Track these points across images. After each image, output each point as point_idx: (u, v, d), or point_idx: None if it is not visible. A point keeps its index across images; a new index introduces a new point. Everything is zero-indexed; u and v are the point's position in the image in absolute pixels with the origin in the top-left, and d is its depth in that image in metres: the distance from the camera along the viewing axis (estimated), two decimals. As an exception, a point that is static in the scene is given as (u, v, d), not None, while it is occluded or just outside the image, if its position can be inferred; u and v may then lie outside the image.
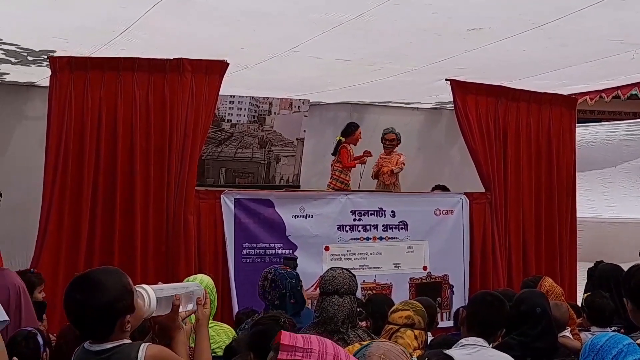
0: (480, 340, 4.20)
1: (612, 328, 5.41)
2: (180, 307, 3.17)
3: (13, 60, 7.57)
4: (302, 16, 6.03)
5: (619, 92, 9.59)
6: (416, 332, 4.46)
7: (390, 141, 9.68)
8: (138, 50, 6.85)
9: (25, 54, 7.22)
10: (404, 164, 9.72)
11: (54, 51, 7.00)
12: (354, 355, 3.25)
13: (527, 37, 6.52)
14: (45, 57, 7.09)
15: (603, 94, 9.79)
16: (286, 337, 2.30)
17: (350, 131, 8.94)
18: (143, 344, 2.97)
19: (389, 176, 9.61)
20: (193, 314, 3.34)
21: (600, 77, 8.39)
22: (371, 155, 9.25)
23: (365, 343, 4.00)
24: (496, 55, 7.11)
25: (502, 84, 8.57)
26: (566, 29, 6.31)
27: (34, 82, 8.71)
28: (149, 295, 3.02)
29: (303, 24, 6.20)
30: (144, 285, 3.07)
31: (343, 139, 8.94)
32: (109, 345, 2.93)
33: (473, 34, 6.47)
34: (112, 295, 2.90)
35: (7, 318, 4.23)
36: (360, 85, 8.42)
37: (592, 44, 6.94)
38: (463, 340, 4.27)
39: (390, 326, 4.51)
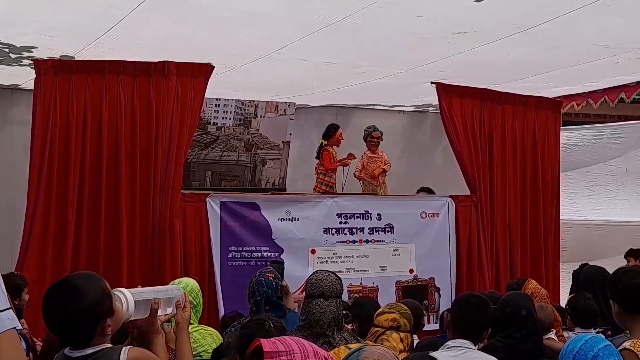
0: (466, 342, 4.20)
1: (597, 330, 5.44)
2: (159, 310, 3.16)
3: None
4: (289, 17, 6.04)
5: (606, 97, 9.65)
6: (402, 334, 4.45)
7: (377, 138, 9.66)
8: (123, 49, 6.83)
9: (7, 50, 7.15)
10: (388, 162, 9.73)
11: (36, 47, 6.94)
12: (345, 359, 3.25)
13: (513, 41, 6.55)
14: (26, 54, 7.04)
15: (590, 101, 9.85)
16: (266, 344, 2.34)
17: (331, 133, 8.94)
18: (124, 347, 2.96)
19: (380, 178, 9.59)
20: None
21: (584, 78, 8.41)
22: (354, 158, 9.26)
23: (352, 346, 4.02)
24: (482, 58, 7.14)
25: (488, 87, 8.60)
26: (551, 33, 6.34)
27: (18, 85, 8.66)
28: (127, 298, 3.02)
29: (289, 25, 6.21)
30: (122, 289, 3.07)
31: (325, 142, 8.94)
32: (89, 351, 2.92)
33: (459, 37, 6.49)
34: (91, 300, 2.89)
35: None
36: (346, 87, 8.43)
37: (577, 48, 6.97)
38: (449, 342, 4.27)
39: (376, 329, 4.51)
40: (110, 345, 2.97)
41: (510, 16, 6.05)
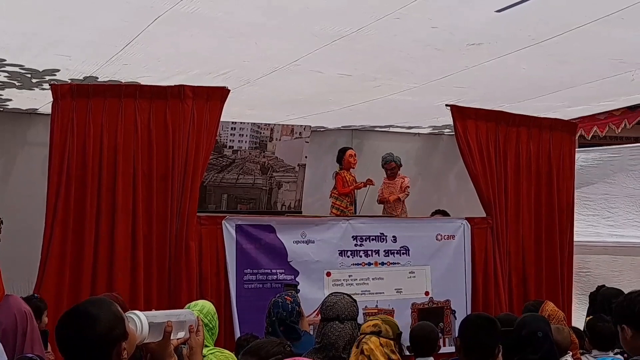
0: None
1: (615, 352, 5.40)
2: (172, 334, 3.17)
3: (16, 83, 7.60)
4: (303, 30, 6.07)
5: (626, 121, 9.67)
6: (382, 339, 4.39)
7: (392, 170, 9.71)
8: (140, 64, 6.88)
9: (29, 75, 7.25)
10: (409, 187, 9.72)
11: (58, 70, 7.03)
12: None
13: (527, 54, 6.55)
14: (48, 78, 7.12)
15: (612, 125, 9.86)
16: None
17: (340, 157, 8.98)
18: None
19: (395, 204, 9.60)
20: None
21: (600, 97, 8.38)
22: (373, 184, 9.26)
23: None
24: (496, 72, 7.13)
25: (502, 108, 8.58)
26: (566, 45, 6.34)
27: (36, 109, 8.76)
28: (141, 320, 3.02)
29: (304, 37, 6.24)
30: (135, 311, 3.07)
31: (339, 168, 8.98)
32: None
33: (473, 49, 6.49)
34: (104, 326, 2.87)
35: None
36: (362, 104, 8.41)
37: (592, 62, 6.96)
38: None
39: (360, 335, 4.48)
40: None
41: (524, 28, 6.05)
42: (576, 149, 9.79)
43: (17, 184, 8.92)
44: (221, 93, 7.30)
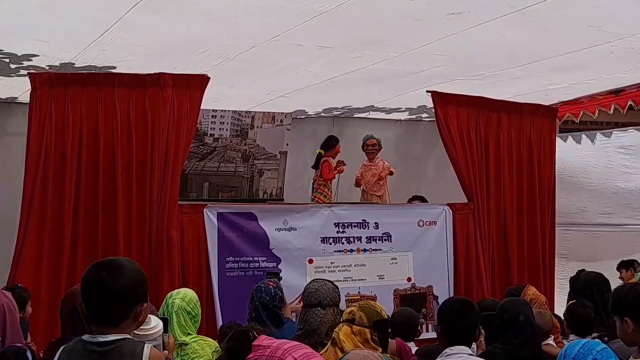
0: (464, 348, 4.19)
1: (593, 336, 5.43)
2: None
3: None
4: (283, 9, 6.06)
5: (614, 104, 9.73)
6: (355, 328, 4.22)
7: (372, 146, 9.67)
8: (119, 50, 6.81)
9: (7, 60, 7.15)
10: (391, 168, 9.70)
11: (37, 55, 6.94)
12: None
13: (507, 21, 6.54)
14: (26, 64, 7.03)
15: (603, 108, 9.89)
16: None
17: (331, 145, 8.96)
18: (147, 343, 3.02)
19: (376, 184, 9.59)
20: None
21: (579, 69, 8.33)
22: (344, 164, 9.26)
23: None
24: (476, 40, 7.09)
25: (483, 77, 8.51)
26: (546, 13, 6.35)
27: (15, 98, 8.67)
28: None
29: (284, 15, 6.22)
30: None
31: (323, 153, 8.95)
32: (112, 337, 2.95)
33: (453, 18, 6.48)
34: (135, 279, 3.03)
35: None
36: (342, 75, 8.30)
37: (571, 30, 6.95)
38: (447, 350, 4.23)
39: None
40: (131, 337, 3.02)
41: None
42: (557, 134, 9.86)
43: (-4, 175, 8.81)
44: (201, 81, 7.29)
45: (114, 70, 7.37)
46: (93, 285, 3.00)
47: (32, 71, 7.03)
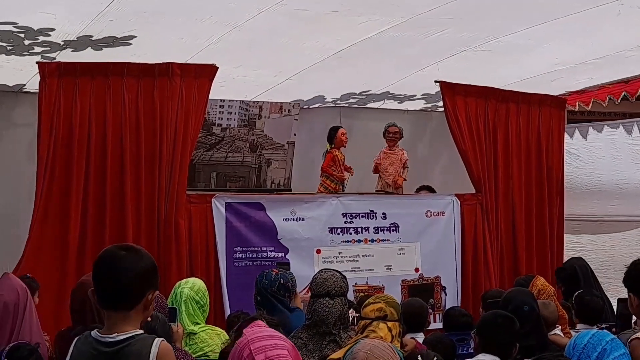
0: (497, 359, 4.27)
1: (603, 325, 5.44)
2: None
3: (7, 46, 7.37)
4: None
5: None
6: (389, 324, 4.28)
7: (394, 134, 9.49)
8: (126, 19, 6.72)
9: (22, 35, 7.06)
10: (408, 160, 9.54)
11: (53, 29, 6.86)
12: (344, 357, 3.31)
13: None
14: (42, 39, 6.95)
15: (613, 96, 9.85)
16: None
17: (332, 136, 8.89)
18: (157, 338, 3.00)
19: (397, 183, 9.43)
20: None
21: (584, 33, 8.21)
22: (352, 174, 9.09)
23: (352, 342, 4.03)
24: (482, 2, 7.07)
25: (488, 41, 8.40)
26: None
27: (23, 85, 8.62)
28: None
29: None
30: None
31: (330, 147, 8.90)
32: (121, 337, 2.94)
33: None
34: (150, 264, 3.04)
35: None
36: (349, 50, 8.18)
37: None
38: (480, 356, 4.36)
39: (363, 321, 4.34)
40: (141, 331, 3.01)
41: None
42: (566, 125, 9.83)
43: (2, 164, 8.81)
44: (210, 70, 7.29)
45: (134, 40, 7.27)
46: (112, 260, 3.00)
47: (41, 60, 7.01)
